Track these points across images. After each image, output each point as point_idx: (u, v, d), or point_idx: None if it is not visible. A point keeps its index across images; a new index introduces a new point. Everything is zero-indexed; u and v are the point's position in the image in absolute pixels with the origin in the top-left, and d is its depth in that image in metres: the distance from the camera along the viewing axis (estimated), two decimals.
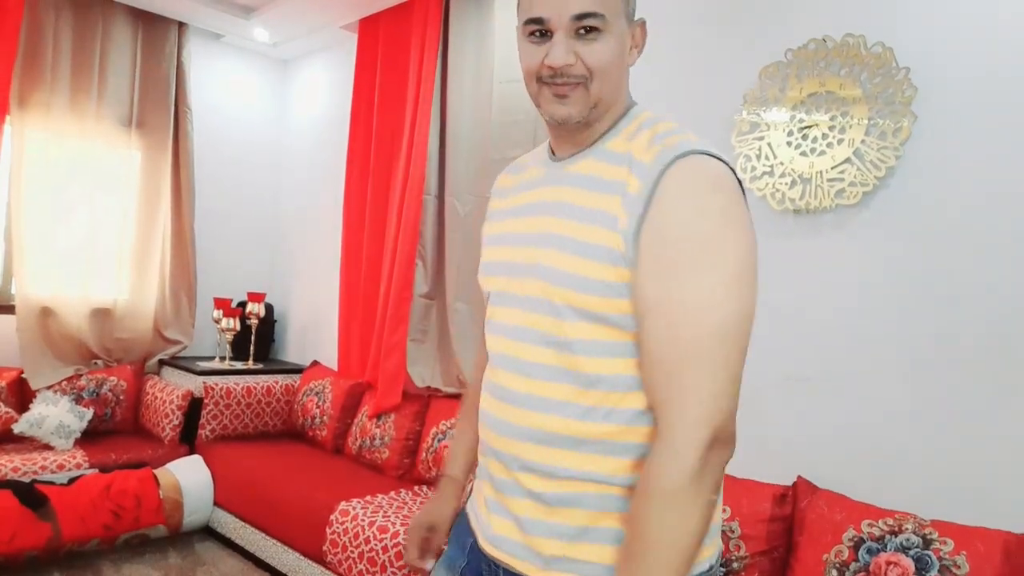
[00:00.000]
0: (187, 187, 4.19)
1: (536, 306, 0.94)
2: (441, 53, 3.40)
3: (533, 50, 0.94)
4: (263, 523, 3.09)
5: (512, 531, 0.96)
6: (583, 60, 0.91)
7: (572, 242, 0.90)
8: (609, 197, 0.89)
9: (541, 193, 1.00)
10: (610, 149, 0.94)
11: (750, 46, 2.41)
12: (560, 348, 0.91)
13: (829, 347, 2.19)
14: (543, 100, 0.95)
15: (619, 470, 0.91)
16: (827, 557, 1.88)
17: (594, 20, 0.89)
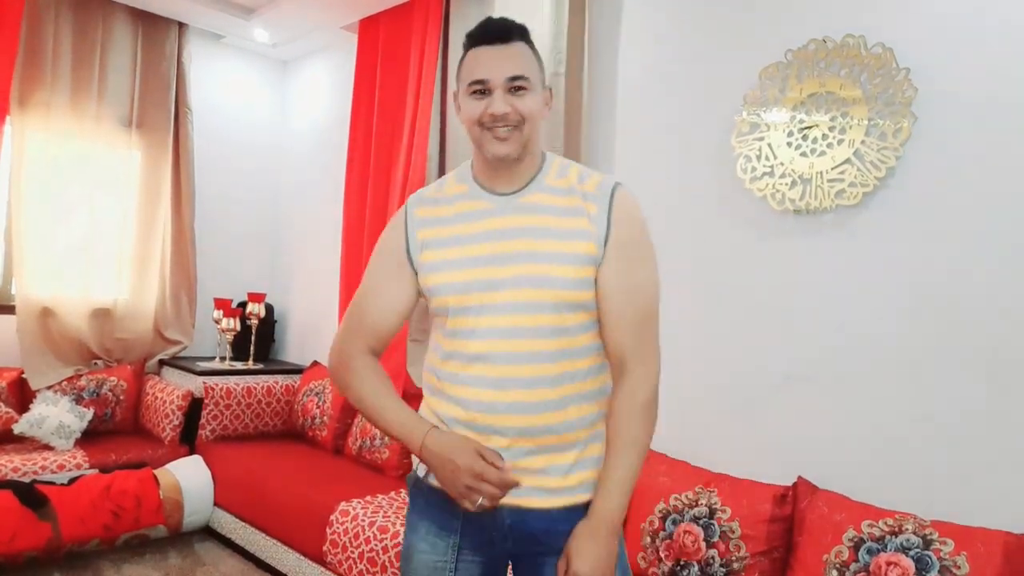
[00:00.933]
0: (187, 187, 4.19)
1: (540, 308, 1.22)
2: (441, 53, 3.40)
3: (475, 104, 1.24)
4: (263, 523, 3.09)
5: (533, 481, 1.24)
6: (517, 109, 1.22)
7: (561, 255, 1.23)
8: (577, 219, 1.25)
9: (502, 221, 1.26)
10: (550, 184, 1.29)
11: (750, 46, 2.41)
12: (564, 334, 1.24)
13: (829, 347, 2.19)
14: (485, 142, 1.24)
15: (592, 411, 1.28)
16: (827, 557, 1.88)
17: (522, 81, 1.22)
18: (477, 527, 1.28)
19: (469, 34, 1.27)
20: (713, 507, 2.12)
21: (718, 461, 2.33)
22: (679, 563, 2.11)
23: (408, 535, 1.35)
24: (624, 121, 2.81)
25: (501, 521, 1.26)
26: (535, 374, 1.22)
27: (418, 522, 1.33)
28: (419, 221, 1.32)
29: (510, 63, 1.22)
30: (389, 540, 2.45)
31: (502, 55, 1.22)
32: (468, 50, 1.26)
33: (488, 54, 1.23)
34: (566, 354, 1.24)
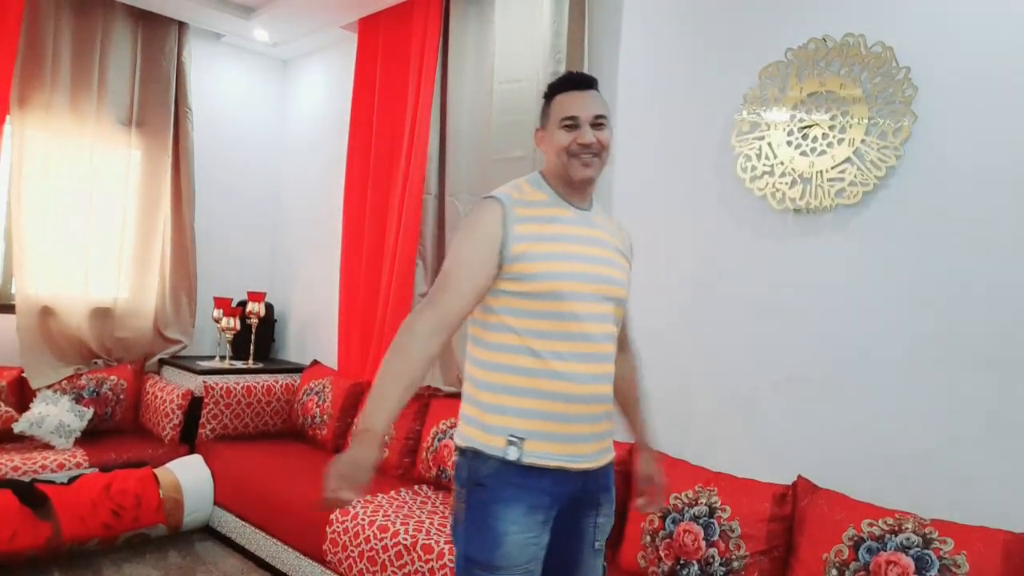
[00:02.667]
0: (187, 187, 4.19)
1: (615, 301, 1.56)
2: (441, 53, 3.40)
3: (566, 135, 1.52)
4: (263, 522, 3.09)
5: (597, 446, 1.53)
6: (600, 140, 1.52)
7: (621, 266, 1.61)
8: (621, 241, 1.65)
9: (586, 231, 1.56)
10: (600, 211, 1.66)
11: (750, 46, 2.41)
12: (617, 323, 1.60)
13: (829, 347, 2.19)
14: (572, 167, 1.52)
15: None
16: (827, 556, 1.88)
17: (603, 119, 1.54)
18: (562, 496, 1.49)
19: (555, 83, 1.59)
20: (713, 506, 2.12)
21: (718, 461, 2.33)
22: (679, 562, 2.11)
23: (494, 523, 1.44)
24: (624, 121, 2.81)
25: (580, 483, 1.51)
26: (609, 351, 1.54)
27: (505, 509, 1.44)
28: (517, 218, 1.49)
29: (596, 104, 1.54)
30: (389, 539, 2.45)
31: (588, 98, 1.54)
32: (555, 95, 1.56)
33: (577, 97, 1.54)
34: (614, 339, 1.58)
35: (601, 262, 1.55)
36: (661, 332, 2.60)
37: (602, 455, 1.56)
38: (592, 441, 1.52)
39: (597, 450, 1.53)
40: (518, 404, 1.47)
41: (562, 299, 1.47)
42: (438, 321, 1.45)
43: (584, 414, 1.49)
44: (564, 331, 1.47)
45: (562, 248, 1.51)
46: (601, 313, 1.52)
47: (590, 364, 1.49)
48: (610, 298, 1.54)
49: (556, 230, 1.52)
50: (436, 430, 3.10)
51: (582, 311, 1.49)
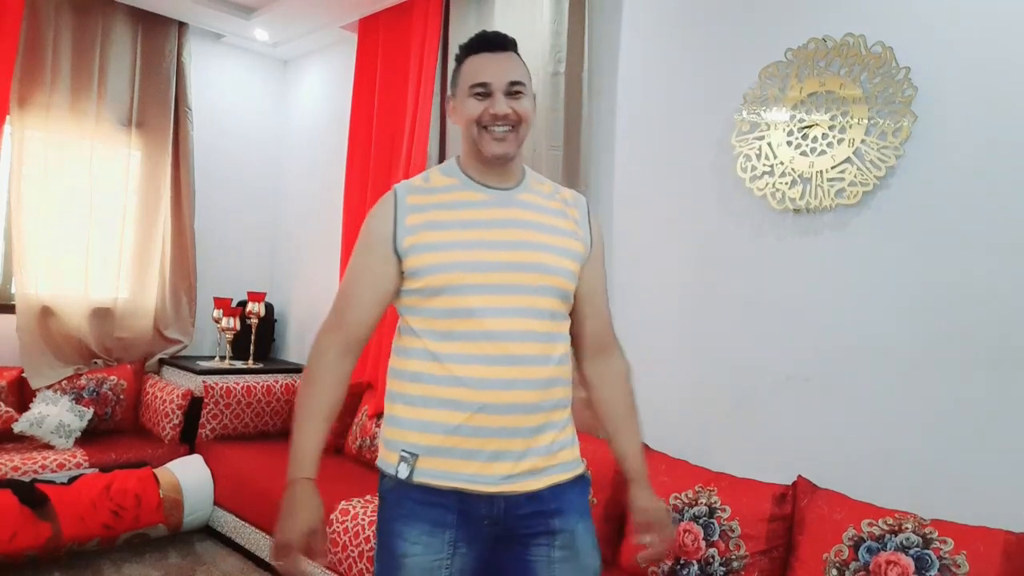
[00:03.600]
0: (187, 187, 4.19)
1: (540, 291, 1.33)
2: (441, 53, 3.40)
3: (477, 104, 1.33)
4: (263, 522, 3.09)
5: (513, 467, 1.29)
6: (516, 110, 1.33)
7: (561, 249, 1.37)
8: (565, 220, 1.41)
9: (502, 212, 1.36)
10: (534, 187, 1.42)
11: (750, 46, 2.41)
12: (555, 318, 1.36)
13: (829, 347, 2.19)
14: (483, 142, 1.33)
15: (568, 394, 1.38)
16: (827, 556, 1.88)
17: (520, 86, 1.34)
18: (473, 518, 1.29)
19: (465, 45, 1.37)
20: (713, 506, 2.12)
21: (718, 460, 2.33)
22: (679, 562, 2.11)
23: (392, 543, 1.30)
24: (624, 121, 2.81)
25: (496, 508, 1.29)
26: (533, 352, 1.30)
27: (404, 528, 1.30)
28: (410, 207, 1.35)
29: (510, 69, 1.34)
30: None
31: (502, 61, 1.34)
32: (466, 58, 1.37)
33: (489, 60, 1.34)
34: (552, 337, 1.34)
35: (519, 247, 1.32)
36: (661, 332, 2.60)
37: (535, 476, 1.30)
38: (509, 460, 1.28)
39: (524, 470, 1.29)
40: (413, 415, 1.30)
41: (457, 293, 1.29)
42: (343, 341, 1.34)
43: (494, 427, 1.26)
44: (464, 330, 1.28)
45: (458, 236, 1.32)
46: (516, 307, 1.29)
47: (499, 368, 1.27)
48: (534, 288, 1.31)
49: (456, 216, 1.34)
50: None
51: (484, 305, 1.28)
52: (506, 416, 1.27)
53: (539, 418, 1.30)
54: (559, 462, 1.35)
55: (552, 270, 1.33)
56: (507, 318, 1.29)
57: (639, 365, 2.63)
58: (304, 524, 1.25)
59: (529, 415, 1.29)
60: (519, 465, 1.29)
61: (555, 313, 1.35)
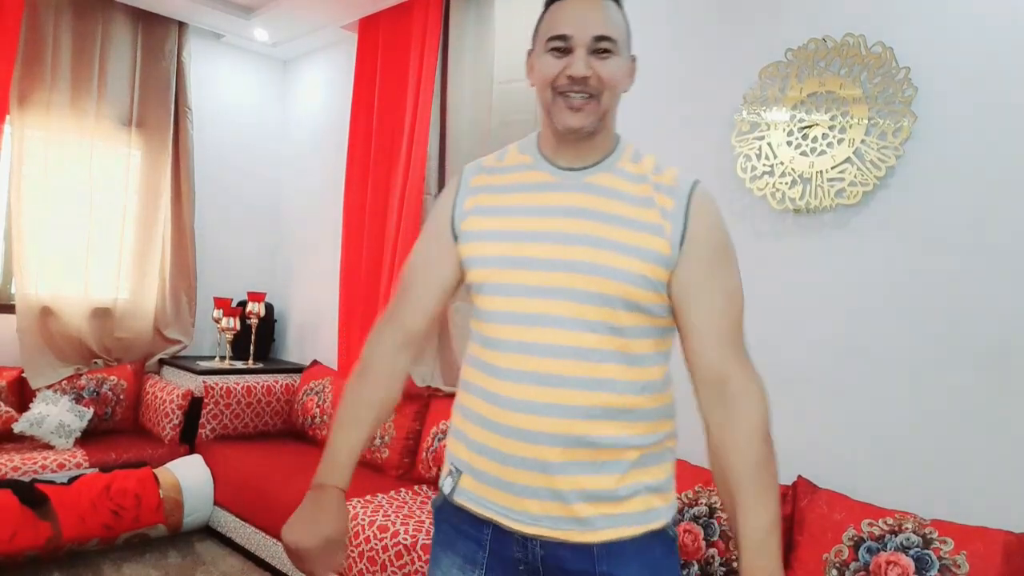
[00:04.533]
0: (187, 187, 4.19)
1: (593, 299, 1.06)
2: (441, 53, 3.40)
3: (553, 62, 1.08)
4: (263, 522, 3.09)
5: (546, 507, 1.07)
6: (599, 74, 1.07)
7: (628, 247, 1.07)
8: (649, 211, 1.09)
9: (564, 198, 1.12)
10: (622, 168, 1.13)
11: (750, 46, 2.41)
12: (615, 333, 1.07)
13: (829, 346, 2.19)
14: (556, 110, 1.09)
15: (649, 431, 1.10)
16: (827, 556, 1.88)
17: (609, 43, 1.07)
18: (506, 560, 1.12)
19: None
20: (713, 506, 2.12)
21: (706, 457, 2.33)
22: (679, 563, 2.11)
23: (431, 569, 1.20)
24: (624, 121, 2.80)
25: (532, 554, 1.09)
26: (579, 373, 1.05)
27: (441, 555, 1.17)
28: (471, 189, 1.19)
29: (598, 20, 1.07)
30: (389, 539, 2.45)
31: (591, 9, 1.08)
32: (551, 3, 1.12)
33: (575, 7, 1.08)
34: (619, 357, 1.07)
35: (573, 241, 1.08)
36: None
37: (580, 525, 1.06)
38: (539, 498, 1.06)
39: (562, 514, 1.06)
40: (464, 428, 1.15)
41: (495, 293, 1.12)
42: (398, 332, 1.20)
43: (524, 456, 1.06)
44: (500, 338, 1.10)
45: (507, 224, 1.13)
46: (558, 316, 1.06)
47: (530, 387, 1.06)
48: (585, 294, 1.06)
49: (512, 201, 1.14)
50: (436, 430, 3.10)
51: (520, 311, 1.09)
52: (536, 447, 1.05)
53: (583, 454, 1.05)
54: (622, 512, 1.07)
55: (611, 273, 1.06)
56: (546, 328, 1.07)
57: None
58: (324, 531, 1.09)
59: (568, 448, 1.05)
60: (553, 507, 1.06)
61: (616, 328, 1.07)
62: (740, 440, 1.07)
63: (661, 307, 1.10)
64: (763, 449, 1.06)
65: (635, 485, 1.08)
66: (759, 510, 1.03)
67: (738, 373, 1.11)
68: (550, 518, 1.07)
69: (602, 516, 1.07)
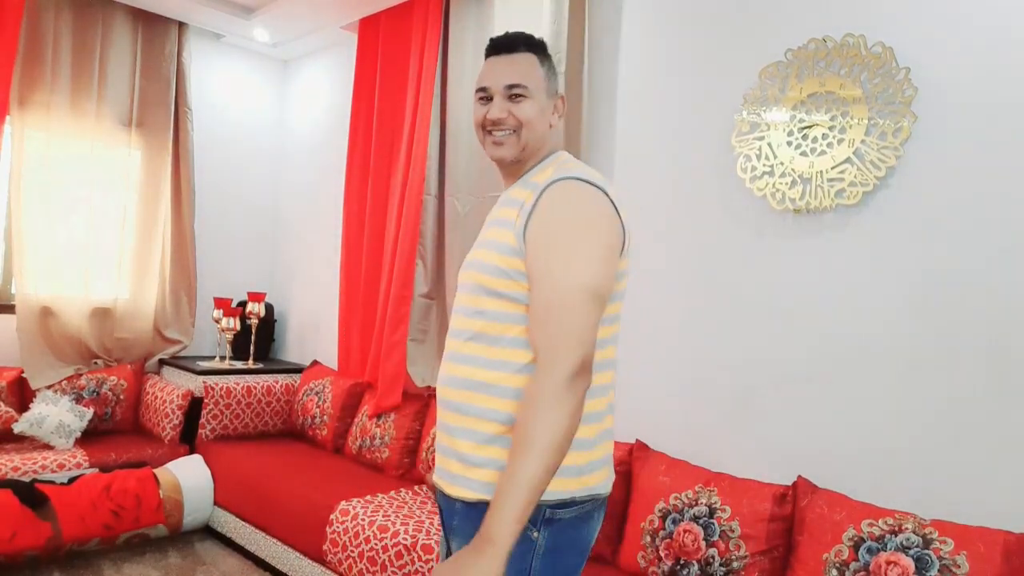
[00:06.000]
0: (187, 187, 4.19)
1: (467, 288, 1.30)
2: (441, 53, 3.40)
3: (480, 108, 1.34)
4: (263, 523, 3.09)
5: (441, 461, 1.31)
6: (514, 115, 1.30)
7: (491, 243, 1.28)
8: (512, 209, 1.27)
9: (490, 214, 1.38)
10: (529, 179, 1.32)
11: (750, 46, 2.42)
12: (479, 316, 1.26)
13: (829, 347, 2.19)
14: (486, 145, 1.35)
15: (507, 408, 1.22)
16: (827, 557, 1.88)
17: (520, 89, 1.30)
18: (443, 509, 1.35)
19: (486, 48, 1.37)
20: (713, 506, 2.12)
21: (718, 461, 2.33)
22: (679, 562, 2.11)
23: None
24: (624, 121, 2.81)
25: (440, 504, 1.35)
26: (454, 349, 1.31)
27: None
28: None
29: (510, 72, 1.31)
30: (389, 539, 2.45)
31: (505, 64, 1.32)
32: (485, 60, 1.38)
33: (493, 64, 1.34)
34: (483, 338, 1.25)
35: (476, 246, 1.35)
36: (661, 332, 2.60)
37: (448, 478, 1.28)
38: (439, 452, 1.33)
39: (440, 466, 1.31)
40: None
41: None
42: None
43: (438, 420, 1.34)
44: None
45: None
46: (456, 305, 1.35)
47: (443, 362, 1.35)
48: (465, 285, 1.32)
49: None
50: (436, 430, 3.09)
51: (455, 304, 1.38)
52: (439, 409, 1.33)
53: (452, 418, 1.28)
54: (474, 478, 1.23)
55: (475, 265, 1.29)
56: (453, 314, 1.35)
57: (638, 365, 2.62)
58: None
59: (446, 412, 1.30)
60: (442, 460, 1.31)
61: (480, 312, 1.26)
62: (522, 406, 1.16)
63: (521, 294, 1.23)
64: (525, 416, 1.13)
65: (489, 457, 1.22)
66: (508, 466, 1.13)
67: (539, 350, 1.17)
68: (440, 470, 1.31)
69: (463, 476, 1.25)
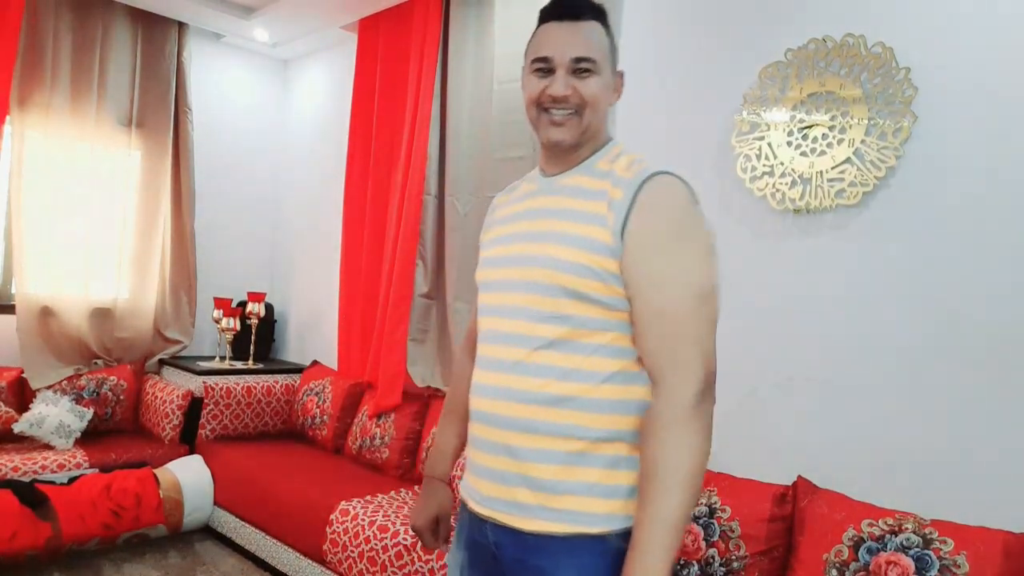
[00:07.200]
0: (187, 187, 4.19)
1: (542, 289, 1.11)
2: (441, 53, 3.40)
3: (536, 82, 1.17)
4: (263, 523, 3.09)
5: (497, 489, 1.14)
6: (579, 92, 1.15)
7: (570, 237, 1.11)
8: (596, 203, 1.12)
9: (537, 201, 1.21)
10: (596, 167, 1.18)
11: (750, 46, 2.41)
12: (564, 323, 1.10)
13: (829, 347, 2.19)
14: (540, 125, 1.18)
15: (604, 426, 1.09)
16: (827, 557, 1.88)
17: (588, 64, 1.14)
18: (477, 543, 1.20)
19: (541, 9, 1.19)
20: (713, 506, 2.12)
21: (718, 460, 2.33)
22: (679, 563, 2.11)
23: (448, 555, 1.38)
24: (624, 121, 2.80)
25: (489, 535, 1.16)
26: (517, 358, 1.11)
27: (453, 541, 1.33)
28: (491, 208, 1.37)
29: (578, 42, 1.14)
30: (389, 539, 2.45)
31: (570, 33, 1.15)
32: (539, 25, 1.19)
33: (555, 31, 1.16)
34: (563, 346, 1.09)
35: (530, 238, 1.16)
36: None
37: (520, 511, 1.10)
38: (487, 479, 1.15)
39: (496, 496, 1.13)
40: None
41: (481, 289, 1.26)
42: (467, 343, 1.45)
43: (482, 439, 1.17)
44: (480, 329, 1.24)
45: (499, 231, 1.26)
46: (514, 307, 1.14)
47: (489, 373, 1.16)
48: (535, 285, 1.12)
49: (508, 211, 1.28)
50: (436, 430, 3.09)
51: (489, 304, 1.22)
52: (489, 428, 1.14)
53: (531, 440, 1.09)
54: (560, 508, 1.08)
55: (555, 263, 1.10)
56: (504, 318, 1.15)
57: None
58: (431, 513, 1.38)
59: (515, 433, 1.10)
60: (500, 489, 1.12)
61: (561, 316, 1.10)
62: (648, 431, 1.06)
63: (616, 300, 1.10)
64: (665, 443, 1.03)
65: (577, 483, 1.08)
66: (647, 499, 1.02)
67: (662, 366, 1.06)
68: (496, 500, 1.14)
69: (540, 506, 1.09)
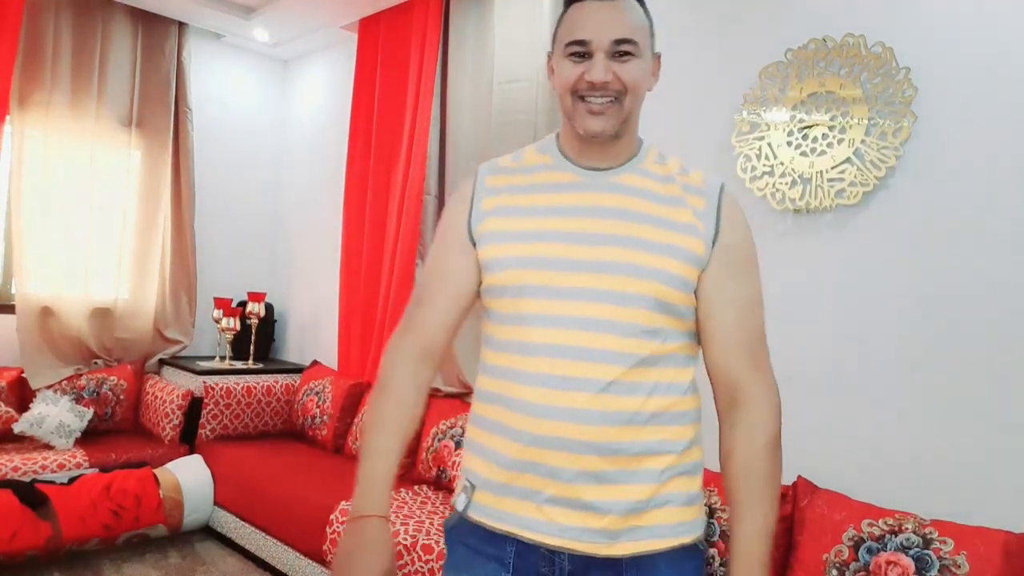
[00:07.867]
0: (187, 187, 4.20)
1: (626, 300, 1.03)
2: (441, 53, 3.40)
3: (572, 67, 1.06)
4: (263, 523, 3.09)
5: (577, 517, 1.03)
6: (620, 77, 1.04)
7: (668, 247, 1.05)
8: (680, 210, 1.07)
9: (592, 198, 1.09)
10: (647, 168, 1.12)
11: (750, 46, 2.41)
12: (650, 336, 1.04)
13: (829, 347, 2.19)
14: (577, 115, 1.07)
15: (685, 436, 1.09)
16: (827, 557, 1.88)
17: (630, 46, 1.05)
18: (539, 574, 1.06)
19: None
20: (713, 507, 2.12)
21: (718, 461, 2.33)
22: None
23: None
24: None
25: (559, 568, 1.04)
26: (612, 377, 1.01)
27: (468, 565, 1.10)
28: (488, 189, 1.14)
29: (618, 23, 1.04)
30: None
31: (609, 13, 1.05)
32: (569, 6, 1.09)
33: (592, 10, 1.05)
34: (656, 362, 1.04)
35: (603, 241, 1.05)
36: None
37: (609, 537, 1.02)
38: (569, 508, 1.02)
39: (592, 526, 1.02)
40: (480, 439, 1.10)
41: (518, 295, 1.06)
42: (415, 344, 1.14)
43: (550, 465, 1.02)
44: (523, 342, 1.05)
45: (532, 225, 1.08)
46: (589, 318, 1.02)
47: (559, 393, 1.01)
48: (617, 295, 1.02)
49: (536, 201, 1.10)
50: (436, 430, 3.10)
51: (545, 312, 1.04)
52: (565, 454, 1.01)
53: (617, 462, 1.02)
54: (652, 524, 1.04)
55: (645, 272, 1.03)
56: (576, 331, 1.02)
57: None
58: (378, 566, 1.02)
59: (599, 457, 1.01)
60: (581, 517, 1.02)
61: (655, 331, 1.03)
62: (741, 447, 1.08)
63: (689, 309, 1.08)
64: (762, 459, 1.06)
65: (666, 495, 1.05)
66: (748, 518, 1.04)
67: (750, 382, 1.08)
68: (577, 529, 1.02)
69: (632, 528, 1.03)
